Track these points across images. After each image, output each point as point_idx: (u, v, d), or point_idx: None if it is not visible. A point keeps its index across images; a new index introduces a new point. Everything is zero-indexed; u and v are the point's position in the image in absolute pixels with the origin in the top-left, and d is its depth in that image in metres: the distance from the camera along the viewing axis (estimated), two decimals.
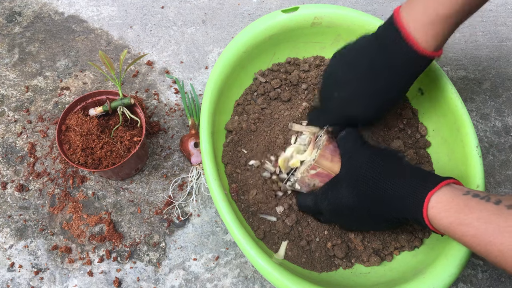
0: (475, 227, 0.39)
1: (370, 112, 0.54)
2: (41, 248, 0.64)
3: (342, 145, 0.55)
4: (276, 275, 0.48)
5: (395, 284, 0.51)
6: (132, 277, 0.63)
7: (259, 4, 0.89)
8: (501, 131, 0.77)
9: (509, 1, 0.91)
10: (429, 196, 0.43)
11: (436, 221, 0.43)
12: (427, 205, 0.43)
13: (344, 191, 0.50)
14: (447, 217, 0.41)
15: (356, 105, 0.54)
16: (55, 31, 0.84)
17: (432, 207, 0.43)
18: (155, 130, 0.73)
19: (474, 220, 0.39)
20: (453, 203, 0.41)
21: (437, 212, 0.42)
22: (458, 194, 0.42)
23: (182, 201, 0.68)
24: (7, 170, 0.70)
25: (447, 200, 0.42)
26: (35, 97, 0.77)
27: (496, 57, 0.84)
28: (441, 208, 0.42)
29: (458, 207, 0.41)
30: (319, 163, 0.54)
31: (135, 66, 0.80)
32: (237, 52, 0.63)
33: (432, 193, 0.43)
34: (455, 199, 0.42)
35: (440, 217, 0.42)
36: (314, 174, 0.54)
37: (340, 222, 0.57)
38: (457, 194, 0.42)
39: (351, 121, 0.55)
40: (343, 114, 0.56)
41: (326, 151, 0.54)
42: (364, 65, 0.52)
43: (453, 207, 0.41)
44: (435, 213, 0.42)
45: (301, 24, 0.66)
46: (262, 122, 0.66)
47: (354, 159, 0.52)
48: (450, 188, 0.43)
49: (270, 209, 0.60)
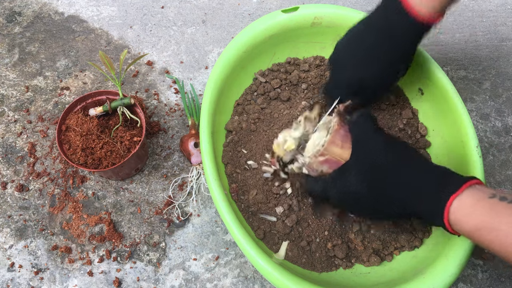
0: (504, 233, 0.36)
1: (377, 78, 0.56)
2: (41, 248, 0.64)
3: (354, 129, 0.51)
4: (276, 275, 0.48)
5: (395, 284, 0.51)
6: (132, 277, 0.63)
7: (259, 4, 0.89)
8: (501, 131, 0.77)
9: (509, 1, 0.91)
10: (451, 200, 0.40)
11: (458, 225, 0.40)
12: (449, 209, 0.40)
13: (352, 179, 0.47)
14: (472, 222, 0.39)
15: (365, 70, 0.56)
16: (55, 31, 0.84)
17: (455, 211, 0.40)
18: (155, 130, 0.73)
19: (503, 225, 0.36)
20: (478, 206, 0.39)
21: (460, 216, 0.39)
22: (483, 196, 0.39)
23: (182, 201, 0.68)
24: (7, 170, 0.70)
25: (471, 203, 0.39)
26: (35, 97, 0.77)
27: (496, 57, 0.84)
28: (465, 212, 0.39)
29: (483, 211, 0.38)
30: (328, 150, 0.50)
31: (135, 66, 0.80)
32: (237, 52, 0.63)
33: (455, 197, 0.40)
34: (480, 202, 0.39)
35: (464, 221, 0.39)
36: (323, 160, 0.51)
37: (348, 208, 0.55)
38: (482, 196, 0.39)
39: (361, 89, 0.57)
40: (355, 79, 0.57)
41: (336, 136, 0.51)
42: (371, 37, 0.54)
43: (478, 211, 0.38)
44: (458, 218, 0.40)
45: (301, 24, 0.66)
46: (262, 122, 0.66)
47: (365, 146, 0.48)
48: (473, 190, 0.40)
49: (270, 209, 0.60)
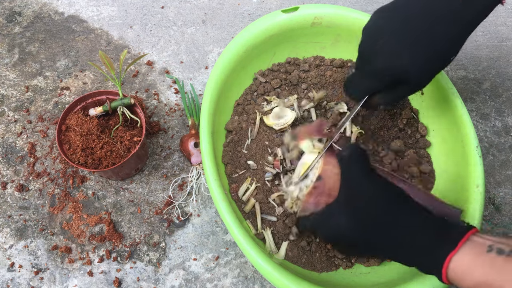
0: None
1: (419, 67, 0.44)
2: (41, 248, 0.64)
3: (344, 165, 0.45)
4: (276, 275, 0.48)
5: (395, 284, 0.51)
6: (132, 277, 0.63)
7: (259, 4, 0.89)
8: (501, 131, 0.77)
9: (509, 1, 0.91)
10: (448, 259, 0.38)
11: (457, 282, 0.39)
12: (447, 267, 0.38)
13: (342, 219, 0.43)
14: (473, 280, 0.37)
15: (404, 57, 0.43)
16: (55, 31, 0.84)
17: (454, 269, 0.38)
18: (155, 130, 0.73)
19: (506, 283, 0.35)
20: (478, 261, 0.37)
21: (459, 273, 0.38)
22: (481, 251, 0.37)
23: (182, 201, 0.68)
24: (7, 170, 0.70)
25: (469, 261, 0.37)
26: (35, 97, 0.76)
27: (496, 57, 0.84)
28: (464, 271, 0.38)
29: (484, 268, 0.37)
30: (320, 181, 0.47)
31: (135, 66, 0.80)
32: (237, 52, 0.63)
33: (452, 255, 0.38)
34: (480, 257, 0.37)
35: (464, 280, 0.38)
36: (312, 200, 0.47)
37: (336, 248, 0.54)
38: (479, 251, 0.37)
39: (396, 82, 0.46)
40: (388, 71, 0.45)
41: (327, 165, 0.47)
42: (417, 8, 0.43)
43: (478, 268, 0.37)
44: (458, 275, 0.38)
45: (301, 24, 0.66)
46: (262, 122, 0.66)
47: (357, 187, 0.43)
48: (470, 244, 0.38)
49: (270, 209, 0.60)
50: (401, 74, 0.45)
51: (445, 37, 0.43)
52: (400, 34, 0.43)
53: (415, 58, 0.44)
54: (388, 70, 0.45)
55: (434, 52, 0.44)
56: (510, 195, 0.71)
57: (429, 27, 0.42)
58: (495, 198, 0.71)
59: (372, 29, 0.46)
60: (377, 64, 0.46)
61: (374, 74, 0.47)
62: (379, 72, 0.46)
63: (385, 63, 0.45)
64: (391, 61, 0.44)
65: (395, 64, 0.44)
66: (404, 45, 0.43)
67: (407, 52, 0.43)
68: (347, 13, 0.65)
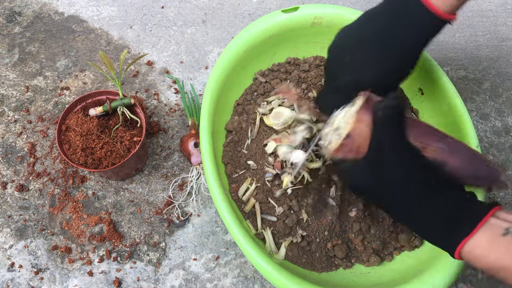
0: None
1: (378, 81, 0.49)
2: (41, 248, 0.64)
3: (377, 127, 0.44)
4: (276, 275, 0.48)
5: (395, 284, 0.51)
6: (132, 277, 0.63)
7: (259, 4, 0.89)
8: (501, 131, 0.77)
9: (509, 1, 0.91)
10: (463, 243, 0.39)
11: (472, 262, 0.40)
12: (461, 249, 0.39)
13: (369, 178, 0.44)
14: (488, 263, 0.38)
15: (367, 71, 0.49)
16: (55, 31, 0.84)
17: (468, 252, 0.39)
18: (155, 130, 0.73)
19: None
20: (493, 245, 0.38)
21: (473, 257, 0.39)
22: (496, 234, 0.38)
23: (182, 201, 0.68)
24: (7, 170, 0.70)
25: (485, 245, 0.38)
26: (35, 97, 0.76)
27: (496, 57, 0.84)
28: (478, 253, 0.38)
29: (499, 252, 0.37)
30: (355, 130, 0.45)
31: (135, 66, 0.80)
32: (237, 52, 0.63)
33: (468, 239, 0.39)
34: (495, 241, 0.38)
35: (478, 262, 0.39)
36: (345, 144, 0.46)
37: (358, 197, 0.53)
38: (495, 235, 0.38)
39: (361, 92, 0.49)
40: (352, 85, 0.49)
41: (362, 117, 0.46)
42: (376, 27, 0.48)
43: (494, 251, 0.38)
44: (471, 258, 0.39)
45: (301, 24, 0.66)
46: (262, 122, 0.66)
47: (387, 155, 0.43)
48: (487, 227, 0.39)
49: (270, 209, 0.60)
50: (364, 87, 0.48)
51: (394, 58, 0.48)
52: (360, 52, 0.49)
53: (373, 74, 0.49)
54: (352, 84, 0.49)
55: (388, 70, 0.49)
56: (510, 195, 0.71)
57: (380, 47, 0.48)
58: (495, 198, 0.71)
59: (336, 47, 0.51)
60: (342, 79, 0.50)
61: (340, 89, 0.51)
62: (344, 86, 0.50)
63: (348, 79, 0.50)
64: (354, 76, 0.49)
65: (357, 79, 0.49)
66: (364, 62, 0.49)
67: (367, 69, 0.49)
68: (347, 13, 0.65)
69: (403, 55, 0.49)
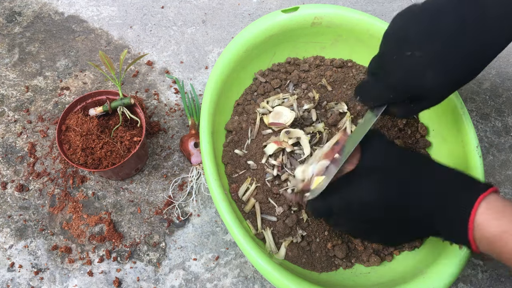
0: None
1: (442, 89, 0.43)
2: (41, 248, 0.64)
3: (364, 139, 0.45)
4: (276, 275, 0.48)
5: (395, 284, 0.51)
6: (132, 277, 0.63)
7: (259, 4, 0.89)
8: (501, 131, 0.77)
9: None
10: (479, 200, 0.37)
11: (483, 229, 0.37)
12: (476, 210, 0.37)
13: (364, 182, 0.42)
14: (500, 226, 0.36)
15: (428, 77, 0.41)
16: (55, 31, 0.84)
17: (482, 212, 0.37)
18: (155, 130, 0.73)
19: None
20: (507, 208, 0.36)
21: (488, 218, 0.36)
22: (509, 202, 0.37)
23: (182, 201, 0.68)
24: (7, 170, 0.70)
25: (499, 207, 0.37)
26: (35, 97, 0.76)
27: (496, 57, 0.84)
28: (492, 215, 0.36)
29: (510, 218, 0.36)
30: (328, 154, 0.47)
31: (135, 66, 0.80)
32: (237, 52, 0.63)
33: (484, 197, 0.37)
34: (509, 206, 0.36)
35: (491, 225, 0.36)
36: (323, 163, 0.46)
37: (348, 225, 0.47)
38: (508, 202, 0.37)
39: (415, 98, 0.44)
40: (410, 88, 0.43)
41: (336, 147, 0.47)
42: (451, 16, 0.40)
43: (507, 215, 0.36)
44: (485, 219, 0.37)
45: (301, 24, 0.66)
46: (262, 122, 0.66)
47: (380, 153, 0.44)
48: (498, 195, 0.38)
49: (270, 209, 0.60)
50: (423, 93, 0.43)
51: (477, 47, 0.41)
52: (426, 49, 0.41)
53: (439, 79, 0.42)
54: (409, 87, 0.43)
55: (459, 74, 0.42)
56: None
57: (463, 38, 0.40)
58: None
59: (396, 38, 0.43)
60: (399, 79, 0.43)
61: (393, 87, 0.45)
62: (399, 87, 0.44)
63: (407, 80, 0.43)
64: (414, 79, 0.42)
65: (417, 83, 0.43)
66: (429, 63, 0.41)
67: (431, 73, 0.41)
68: (347, 13, 0.65)
69: (484, 49, 0.42)
